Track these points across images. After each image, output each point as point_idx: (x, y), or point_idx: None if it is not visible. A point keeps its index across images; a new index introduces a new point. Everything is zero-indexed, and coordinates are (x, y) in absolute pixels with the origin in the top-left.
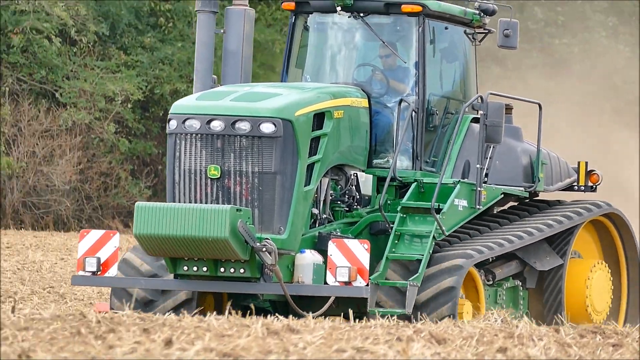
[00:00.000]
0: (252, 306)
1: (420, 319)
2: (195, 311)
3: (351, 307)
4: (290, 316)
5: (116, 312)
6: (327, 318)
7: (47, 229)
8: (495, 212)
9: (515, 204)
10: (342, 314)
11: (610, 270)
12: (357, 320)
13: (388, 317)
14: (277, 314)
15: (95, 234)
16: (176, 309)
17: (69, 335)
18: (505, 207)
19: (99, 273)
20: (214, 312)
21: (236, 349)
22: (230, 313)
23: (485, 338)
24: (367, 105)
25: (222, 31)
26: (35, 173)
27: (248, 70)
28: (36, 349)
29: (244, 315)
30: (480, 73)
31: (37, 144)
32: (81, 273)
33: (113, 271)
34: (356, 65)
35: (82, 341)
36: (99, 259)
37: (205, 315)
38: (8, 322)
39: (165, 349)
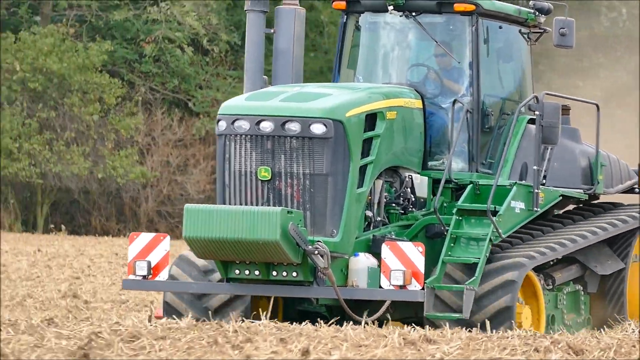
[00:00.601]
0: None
1: (477, 319)
2: (254, 313)
3: (408, 311)
4: (427, 327)
5: (173, 319)
6: (464, 328)
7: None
8: (553, 215)
9: (574, 207)
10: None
11: None
12: (412, 325)
13: (523, 329)
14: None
15: (145, 237)
16: (228, 304)
17: (206, 345)
18: (564, 210)
19: (149, 277)
20: (268, 315)
21: (373, 359)
22: (365, 323)
23: (623, 349)
24: (421, 106)
25: (272, 31)
26: (169, 182)
27: (299, 70)
28: (173, 358)
29: (299, 320)
30: (537, 73)
31: (170, 154)
32: (132, 277)
33: (164, 275)
34: (409, 66)
35: (219, 350)
36: (149, 263)
37: (259, 318)
38: (145, 332)
39: (303, 358)
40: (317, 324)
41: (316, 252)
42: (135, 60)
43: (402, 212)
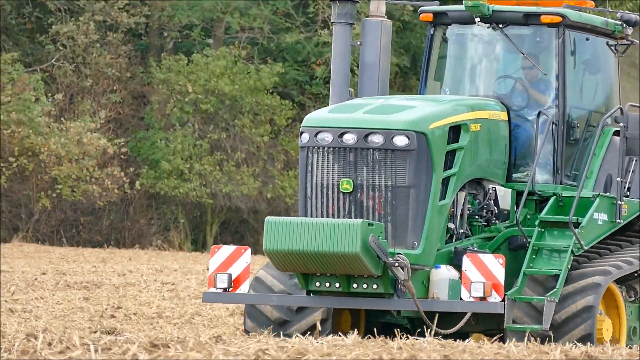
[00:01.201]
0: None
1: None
2: (329, 330)
3: (490, 323)
4: (589, 343)
5: (339, 336)
6: (627, 346)
7: None
8: (638, 227)
9: None
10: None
11: None
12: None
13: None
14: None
15: (226, 250)
16: (312, 330)
17: None
18: None
19: (230, 290)
20: (351, 331)
21: None
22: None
23: None
24: (507, 118)
25: (358, 43)
26: None
27: (385, 82)
28: None
29: (383, 333)
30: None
31: None
32: (212, 290)
33: (245, 288)
34: (496, 78)
35: None
36: (230, 276)
37: (339, 333)
38: (312, 349)
39: None
40: (481, 341)
41: (397, 264)
42: (306, 82)
43: (485, 224)
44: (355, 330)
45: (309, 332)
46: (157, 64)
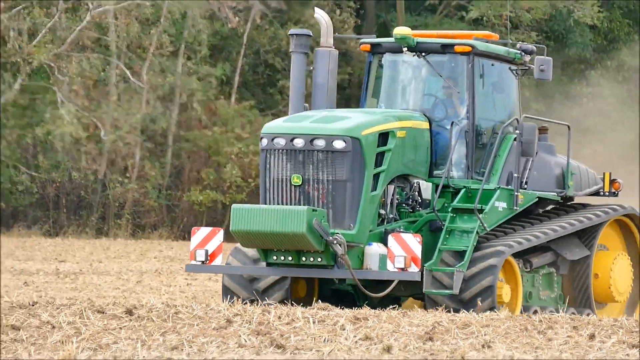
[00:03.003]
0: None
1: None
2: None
3: (415, 289)
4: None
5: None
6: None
7: None
8: (536, 213)
9: (552, 207)
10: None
11: (631, 261)
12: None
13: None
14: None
15: (204, 231)
16: (273, 286)
17: (519, 331)
18: (545, 210)
19: (207, 262)
20: (305, 297)
21: None
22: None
23: None
24: (428, 127)
25: (311, 68)
26: None
27: (332, 99)
28: (495, 341)
29: (333, 298)
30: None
31: None
32: (193, 262)
33: (218, 260)
34: (422, 95)
35: (528, 335)
36: (206, 251)
37: (298, 297)
38: (474, 321)
39: (589, 341)
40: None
41: (335, 242)
42: None
43: (411, 210)
44: (312, 296)
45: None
46: None
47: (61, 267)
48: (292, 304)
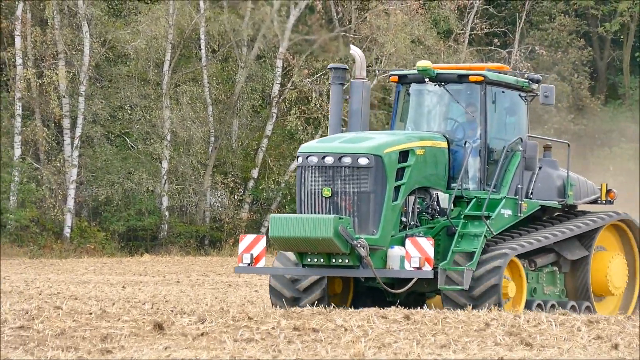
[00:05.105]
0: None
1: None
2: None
3: (435, 286)
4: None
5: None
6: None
7: None
8: (542, 219)
9: (557, 214)
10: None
11: (627, 261)
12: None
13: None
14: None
15: (249, 238)
16: (312, 286)
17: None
18: (549, 217)
19: (252, 264)
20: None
21: None
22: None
23: None
24: (446, 146)
25: (347, 97)
26: None
27: (366, 123)
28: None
29: (367, 294)
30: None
31: None
32: (241, 265)
33: (262, 263)
34: (443, 119)
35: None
36: (252, 255)
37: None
38: (545, 320)
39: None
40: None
41: (359, 245)
42: None
43: (430, 218)
44: (347, 293)
45: (315, 304)
46: None
47: None
48: (329, 302)
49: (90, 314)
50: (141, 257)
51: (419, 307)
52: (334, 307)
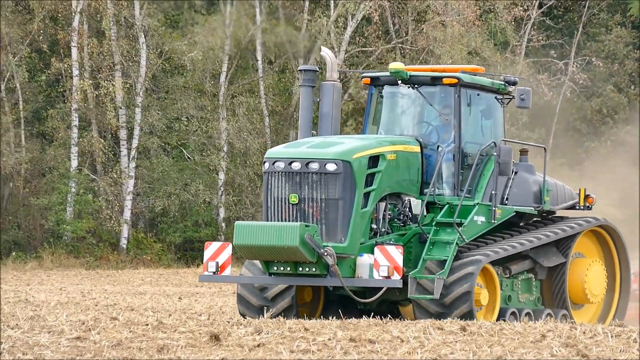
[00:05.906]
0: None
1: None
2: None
3: (406, 294)
4: None
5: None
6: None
7: None
8: (518, 225)
9: (534, 220)
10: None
11: (605, 267)
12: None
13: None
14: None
15: (215, 245)
16: (280, 294)
17: None
18: (527, 222)
19: (217, 273)
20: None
21: None
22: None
23: None
24: (419, 151)
25: (317, 99)
26: None
27: (336, 126)
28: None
29: (338, 302)
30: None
31: None
32: (206, 273)
33: (227, 271)
34: (416, 122)
35: None
36: (217, 263)
37: (304, 303)
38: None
39: None
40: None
41: (326, 253)
42: None
43: (402, 224)
44: (317, 301)
45: (282, 314)
46: None
47: None
48: (297, 311)
49: (147, 325)
50: (197, 268)
51: (390, 318)
52: (305, 317)
